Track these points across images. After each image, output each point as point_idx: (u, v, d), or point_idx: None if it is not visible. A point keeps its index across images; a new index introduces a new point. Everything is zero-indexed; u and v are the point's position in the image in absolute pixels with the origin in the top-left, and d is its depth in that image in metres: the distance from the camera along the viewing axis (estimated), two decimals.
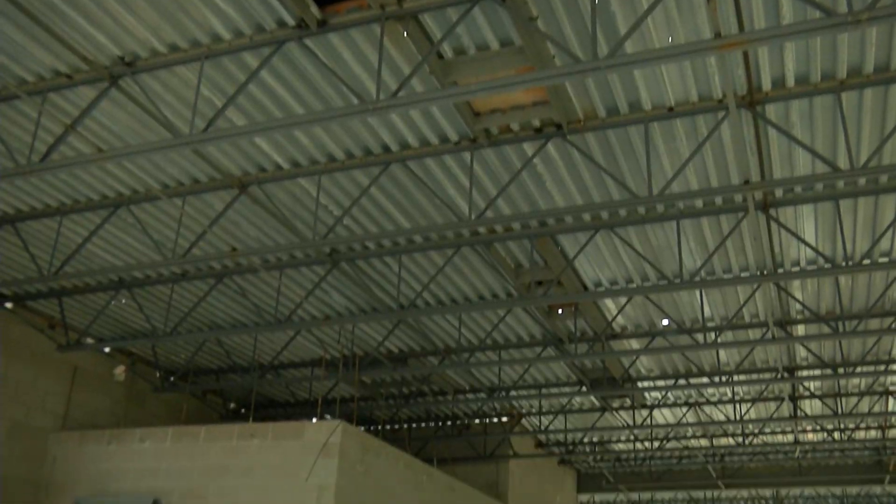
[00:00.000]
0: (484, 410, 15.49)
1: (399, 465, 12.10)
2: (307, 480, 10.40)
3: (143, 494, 10.84)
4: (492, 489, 15.58)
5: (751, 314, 11.12)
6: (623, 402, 14.81)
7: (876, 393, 13.73)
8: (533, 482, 17.19)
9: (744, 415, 14.45)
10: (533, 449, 17.12)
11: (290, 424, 11.14)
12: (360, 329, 11.99)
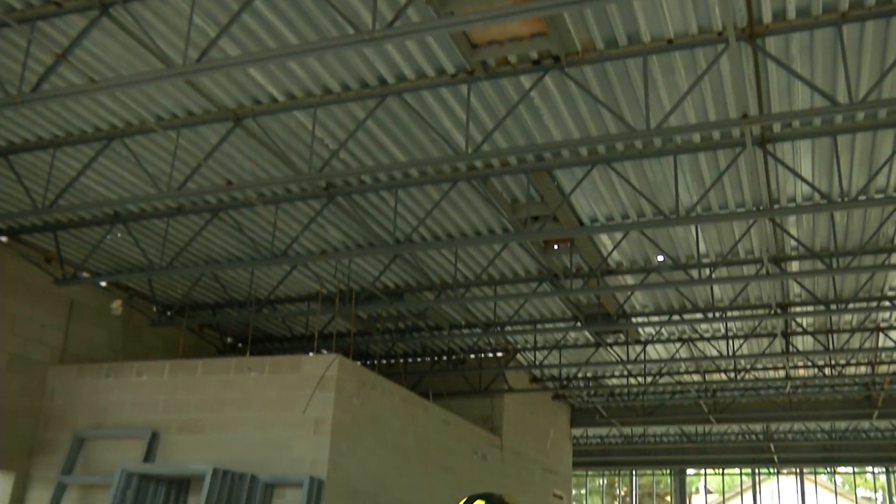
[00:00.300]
0: (479, 345, 15.62)
1: (395, 399, 12.24)
2: (304, 413, 10.54)
3: (142, 427, 10.98)
4: (486, 423, 15.80)
5: (745, 250, 11.15)
6: (617, 337, 14.93)
7: (867, 329, 13.85)
8: (527, 416, 17.43)
9: (736, 350, 14.59)
10: (527, 383, 17.31)
11: (286, 358, 11.24)
12: (356, 264, 12.02)
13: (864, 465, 25.11)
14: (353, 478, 10.84)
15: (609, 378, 17.79)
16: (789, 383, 16.74)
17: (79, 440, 11.15)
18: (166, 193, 8.84)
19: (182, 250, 10.91)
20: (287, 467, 10.30)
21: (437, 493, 13.10)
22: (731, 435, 23.18)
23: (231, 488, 9.87)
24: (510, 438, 16.29)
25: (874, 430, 21.68)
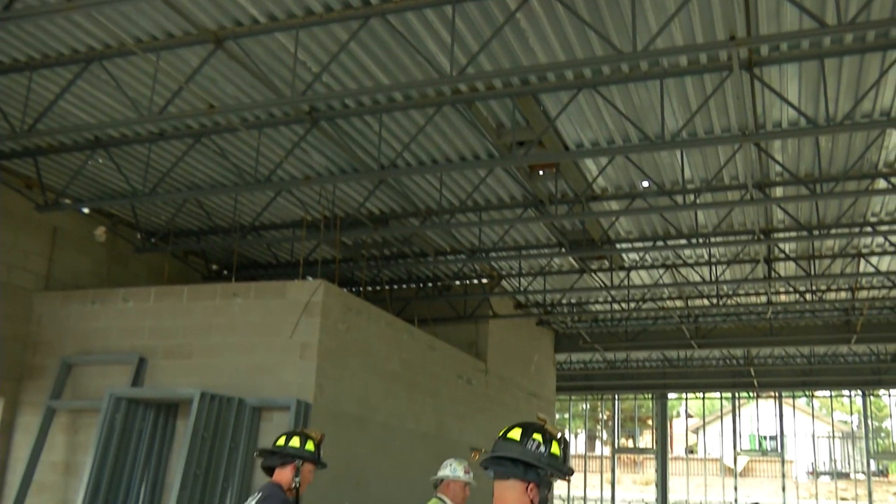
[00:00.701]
0: (464, 272, 15.70)
1: (381, 324, 12.34)
2: (290, 338, 10.61)
3: (129, 352, 11.04)
4: (471, 348, 15.98)
5: (730, 176, 11.17)
6: (601, 263, 15.02)
7: (848, 255, 13.98)
8: (511, 342, 17.63)
9: (719, 276, 14.72)
10: (512, 309, 17.47)
11: (272, 284, 11.27)
12: (340, 190, 11.97)
13: (841, 388, 25.63)
14: (339, 401, 10.98)
15: (593, 304, 17.96)
16: (770, 309, 16.94)
17: (66, 366, 11.22)
18: (147, 118, 8.72)
19: (165, 176, 10.82)
20: (274, 391, 10.42)
21: (422, 416, 13.32)
22: (712, 360, 23.54)
23: (219, 412, 9.99)
24: (495, 363, 16.51)
25: (852, 355, 22.07)
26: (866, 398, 26.14)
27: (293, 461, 5.24)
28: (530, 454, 3.43)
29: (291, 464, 5.24)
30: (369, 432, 11.76)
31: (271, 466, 5.29)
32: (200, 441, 9.69)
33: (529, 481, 3.42)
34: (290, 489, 5.19)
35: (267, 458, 5.32)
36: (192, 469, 9.51)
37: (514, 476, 3.44)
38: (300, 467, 5.24)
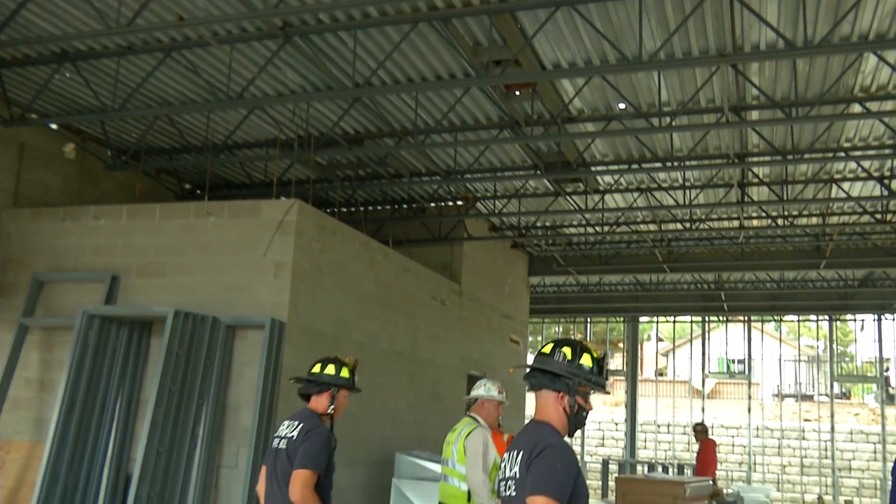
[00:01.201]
0: (440, 193, 15.66)
1: (355, 245, 12.33)
2: (264, 257, 10.59)
3: (101, 270, 10.98)
4: (446, 269, 16.04)
5: (707, 99, 11.14)
6: (576, 186, 15.03)
7: (821, 180, 14.07)
8: (486, 264, 17.72)
9: (693, 200, 14.79)
10: (486, 232, 17.50)
11: (246, 203, 11.19)
12: (314, 108, 11.83)
13: (808, 313, 26.08)
14: (313, 320, 11.04)
15: (567, 227, 18.02)
16: (742, 233, 17.10)
17: (38, 283, 11.15)
18: (115, 30, 8.51)
19: (134, 92, 10.61)
20: (248, 310, 10.45)
21: (396, 336, 13.43)
22: (684, 284, 23.81)
23: (193, 330, 10.01)
24: (469, 285, 16.61)
25: (820, 280, 22.39)
26: (832, 323, 26.63)
27: (329, 389, 5.44)
28: (556, 365, 3.71)
29: (328, 391, 5.44)
30: (344, 351, 11.80)
31: (308, 394, 5.49)
32: (175, 358, 9.73)
33: (559, 391, 3.71)
34: (326, 415, 5.40)
35: (304, 386, 5.51)
36: (166, 386, 9.57)
37: (544, 386, 3.74)
38: (335, 394, 5.44)
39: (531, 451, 3.53)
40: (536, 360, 3.79)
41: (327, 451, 5.18)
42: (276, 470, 5.24)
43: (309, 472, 5.03)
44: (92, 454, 9.97)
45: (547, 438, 3.60)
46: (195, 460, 9.86)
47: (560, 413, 3.72)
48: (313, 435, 5.18)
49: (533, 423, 3.77)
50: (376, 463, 12.48)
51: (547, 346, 3.81)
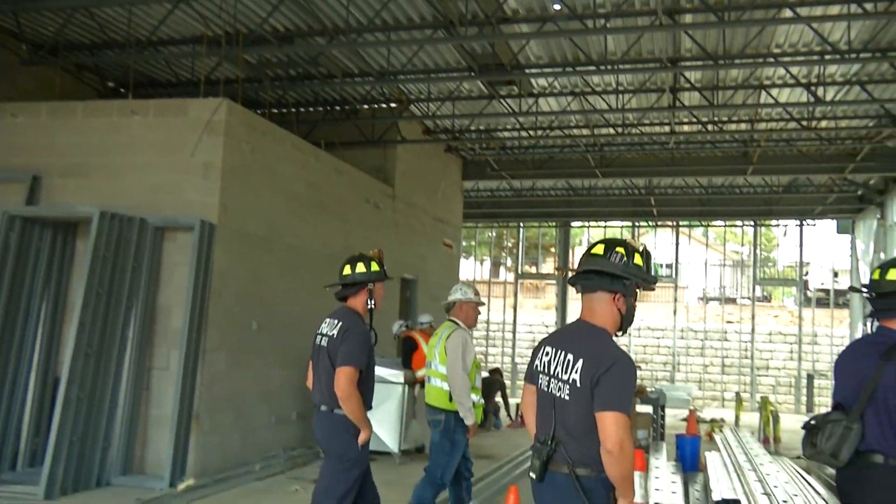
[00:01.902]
0: (372, 95, 15.43)
1: (286, 146, 12.14)
2: (192, 157, 10.37)
3: (21, 170, 10.63)
4: (379, 172, 15.94)
5: (641, 2, 11.08)
6: (510, 89, 14.94)
7: (750, 86, 14.22)
8: (419, 167, 17.65)
9: (625, 104, 14.85)
10: (420, 135, 17.38)
11: (172, 102, 10.89)
12: (242, 3, 11.43)
13: (734, 219, 26.71)
14: (244, 222, 10.92)
15: (501, 131, 17.99)
16: (673, 139, 17.28)
17: None
18: None
19: None
20: (177, 211, 10.28)
21: (329, 239, 13.38)
22: (615, 189, 24.11)
23: (119, 231, 9.82)
24: (402, 188, 16.56)
25: (747, 186, 22.88)
26: (757, 229, 27.35)
27: (365, 286, 5.67)
28: (614, 266, 3.66)
29: (364, 289, 5.67)
30: (276, 254, 11.79)
31: (345, 296, 5.71)
32: (101, 261, 9.55)
33: (615, 291, 3.69)
34: (365, 311, 5.68)
35: (341, 291, 5.73)
36: (93, 288, 9.42)
37: (601, 288, 3.71)
38: (371, 289, 5.67)
39: (597, 362, 3.53)
40: (588, 261, 3.74)
41: (367, 348, 5.46)
42: (318, 366, 5.61)
43: (351, 368, 5.31)
44: (18, 358, 9.83)
45: (613, 350, 3.60)
46: (125, 362, 9.81)
47: (615, 314, 3.72)
48: (352, 334, 5.43)
49: (585, 325, 3.74)
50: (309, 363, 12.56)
51: (598, 247, 3.75)
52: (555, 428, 3.65)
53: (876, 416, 4.21)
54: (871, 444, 4.22)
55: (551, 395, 3.69)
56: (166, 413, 9.79)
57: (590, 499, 3.55)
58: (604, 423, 3.45)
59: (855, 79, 13.51)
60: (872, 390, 4.21)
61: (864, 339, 4.77)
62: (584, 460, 3.57)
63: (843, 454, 4.25)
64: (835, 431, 4.28)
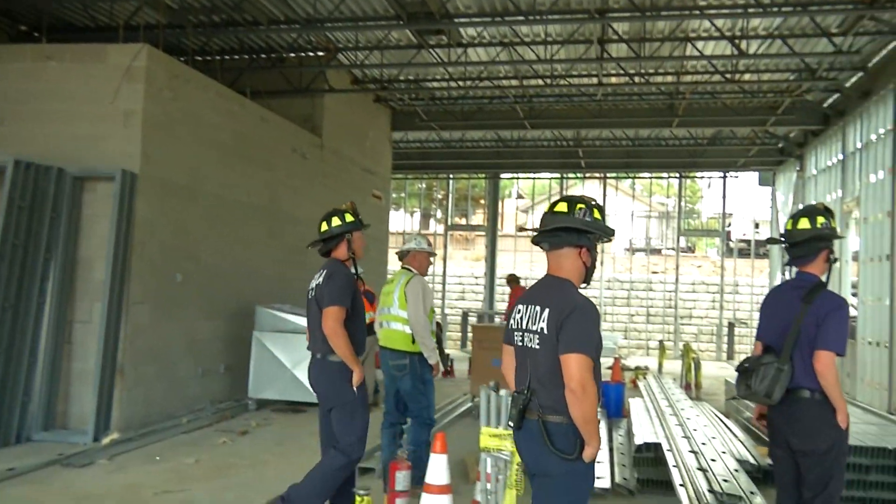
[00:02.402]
0: (299, 43, 15.11)
1: (210, 94, 11.88)
2: (112, 105, 10.09)
3: None
4: (306, 122, 15.72)
5: None
6: (439, 39, 14.79)
7: (677, 39, 14.34)
8: (347, 118, 17.45)
9: (553, 55, 14.86)
10: (348, 85, 17.13)
11: (90, 47, 10.52)
12: None
13: (660, 171, 27.13)
14: (167, 171, 10.69)
15: (430, 81, 17.84)
16: (601, 91, 17.39)
17: None
18: None
19: None
20: (97, 161, 10.02)
21: (255, 189, 13.21)
22: (544, 141, 24.21)
23: (36, 181, 9.53)
24: (330, 139, 16.37)
25: (673, 139, 23.21)
26: (682, 181, 27.84)
27: (343, 238, 5.95)
28: (580, 221, 3.85)
29: (343, 240, 5.96)
30: (200, 203, 11.59)
31: (329, 251, 5.99)
32: (17, 211, 9.28)
33: (581, 246, 3.90)
34: (348, 260, 5.98)
35: (322, 246, 6.00)
36: (9, 240, 9.15)
37: (567, 244, 3.90)
38: (350, 239, 5.95)
39: (561, 309, 3.72)
40: (553, 219, 3.90)
41: (350, 288, 5.77)
42: (311, 317, 5.88)
43: (336, 307, 5.62)
44: None
45: (574, 297, 3.79)
46: (44, 316, 9.58)
47: (580, 267, 3.92)
48: (336, 276, 5.76)
49: (553, 279, 3.92)
50: (236, 315, 12.47)
51: (560, 205, 3.93)
52: (529, 378, 3.83)
53: (801, 356, 4.63)
54: (798, 382, 4.65)
55: (525, 348, 3.88)
56: (89, 367, 9.63)
57: (556, 444, 3.71)
58: (567, 364, 3.63)
59: (777, 33, 13.72)
60: (797, 332, 4.64)
61: (786, 284, 5.11)
62: (554, 407, 3.74)
63: (775, 394, 4.66)
64: (767, 373, 4.67)
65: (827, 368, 4.54)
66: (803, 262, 4.91)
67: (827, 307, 4.65)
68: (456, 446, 8.40)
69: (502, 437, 4.93)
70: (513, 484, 4.88)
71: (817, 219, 4.89)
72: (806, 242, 4.88)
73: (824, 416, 4.61)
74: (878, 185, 13.91)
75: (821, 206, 5.06)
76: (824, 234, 4.87)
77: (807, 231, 4.88)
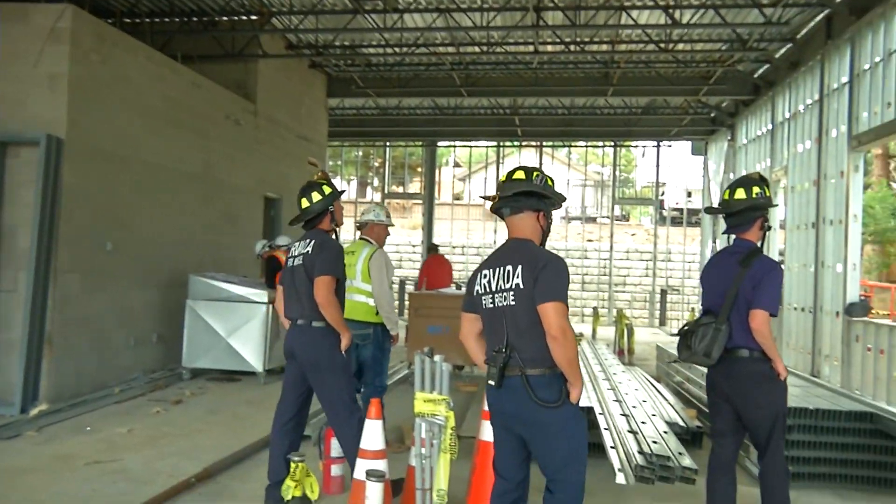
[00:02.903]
0: (232, 6, 14.78)
1: (139, 58, 11.58)
2: (35, 68, 9.78)
3: None
4: (240, 88, 15.44)
5: None
6: (375, 4, 14.63)
7: (612, 7, 14.41)
8: (282, 83, 17.19)
9: (490, 22, 14.81)
10: (283, 50, 16.87)
11: (10, 6, 10.12)
12: None
13: (595, 139, 27.38)
14: (95, 137, 10.42)
15: (366, 47, 17.66)
16: (537, 59, 17.42)
17: None
18: None
19: None
20: (20, 126, 9.70)
21: (188, 156, 12.97)
22: (480, 109, 24.19)
23: None
24: (264, 105, 16.12)
25: (608, 108, 23.40)
26: (616, 150, 28.14)
27: (326, 211, 6.07)
28: (538, 186, 4.16)
29: (326, 213, 6.08)
30: (131, 170, 11.34)
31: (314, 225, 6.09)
32: None
33: (540, 210, 4.19)
34: (331, 229, 6.15)
35: (307, 223, 6.10)
36: None
37: (527, 208, 4.19)
38: (332, 209, 6.10)
39: (534, 264, 3.99)
40: (513, 185, 4.20)
41: (341, 259, 5.93)
42: (294, 284, 5.92)
43: (329, 277, 5.75)
44: None
45: (544, 252, 4.09)
46: None
47: (538, 230, 4.22)
48: (327, 247, 5.86)
49: (515, 241, 4.21)
50: (169, 284, 12.28)
51: (518, 173, 4.23)
52: (507, 335, 4.03)
53: (739, 317, 4.91)
54: (736, 342, 4.93)
55: (498, 308, 4.08)
56: (15, 337, 9.40)
57: (539, 395, 3.95)
58: (546, 312, 3.88)
59: (709, 2, 13.88)
60: (735, 294, 4.92)
61: (725, 250, 5.34)
62: (535, 360, 3.98)
63: (714, 352, 4.94)
64: (706, 333, 4.96)
65: (762, 325, 4.79)
66: (740, 230, 5.18)
67: (762, 270, 4.92)
68: (393, 413, 8.45)
69: (436, 402, 4.95)
70: (447, 448, 4.91)
71: (753, 189, 5.14)
72: (743, 212, 5.13)
73: (762, 374, 4.89)
74: (805, 155, 14.25)
75: (755, 176, 5.30)
76: (759, 204, 5.12)
77: (743, 201, 5.12)
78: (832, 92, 13.10)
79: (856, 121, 12.06)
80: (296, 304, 5.94)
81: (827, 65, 13.31)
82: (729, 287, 4.96)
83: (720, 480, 5.18)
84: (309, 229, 6.10)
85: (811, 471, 7.08)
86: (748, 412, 4.98)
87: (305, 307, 5.85)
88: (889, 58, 11.11)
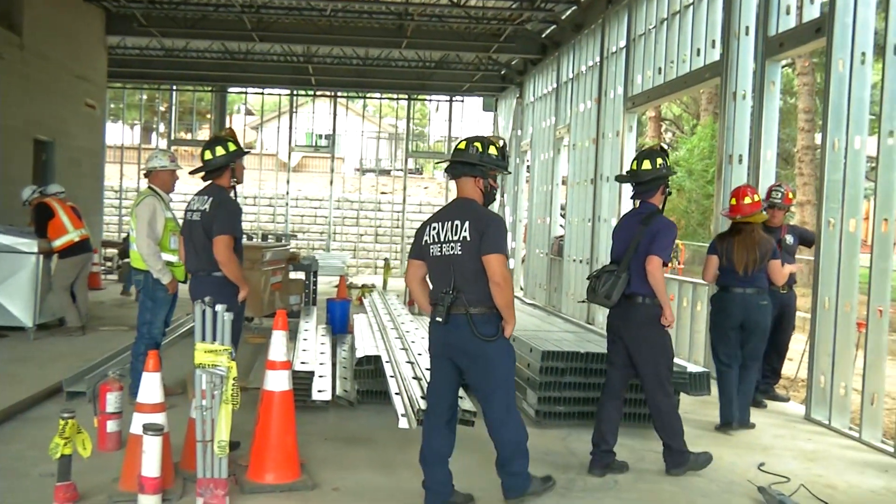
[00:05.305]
0: None
1: None
2: None
3: None
4: (3, 19, 14.11)
5: None
6: None
7: None
8: (54, 17, 15.86)
9: None
10: None
11: None
12: None
13: (390, 92, 27.39)
14: None
15: None
16: (331, 6, 17.09)
17: None
18: None
19: None
20: None
21: None
22: (273, 55, 23.50)
23: None
24: (33, 39, 14.83)
25: (402, 60, 23.42)
26: (411, 103, 28.31)
27: (227, 167, 6.18)
28: (472, 156, 4.91)
29: (227, 168, 6.19)
30: None
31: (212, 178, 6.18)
32: None
33: (475, 176, 4.94)
34: (230, 186, 6.28)
35: (209, 174, 6.16)
36: None
37: (463, 174, 4.96)
38: (234, 167, 6.23)
39: (481, 220, 4.77)
40: (454, 154, 4.98)
41: (239, 218, 6.18)
42: (192, 239, 6.17)
43: (227, 236, 6.00)
44: None
45: (489, 212, 4.93)
46: None
47: (478, 193, 4.96)
48: (224, 206, 6.06)
49: (462, 200, 4.97)
50: None
51: (461, 143, 4.98)
52: (454, 279, 4.73)
53: (637, 267, 5.72)
54: (634, 289, 5.75)
55: (445, 257, 4.80)
56: None
57: (481, 330, 4.71)
58: (490, 262, 4.66)
59: None
60: (635, 248, 5.74)
61: (633, 211, 6.15)
62: (478, 301, 4.72)
63: (614, 296, 5.75)
64: (609, 279, 5.77)
65: (656, 269, 5.62)
66: (647, 196, 6.01)
67: (659, 226, 5.76)
68: (178, 365, 8.12)
69: (217, 353, 4.79)
70: (228, 399, 4.77)
71: (657, 160, 5.93)
72: (649, 181, 5.93)
73: (651, 316, 5.73)
74: (586, 114, 14.91)
75: (657, 148, 6.18)
76: (662, 174, 5.96)
77: (649, 171, 5.92)
78: (611, 55, 13.75)
79: (631, 83, 12.74)
80: (193, 257, 6.22)
81: (607, 29, 13.92)
82: (631, 241, 5.78)
83: (608, 404, 5.97)
84: (207, 182, 6.21)
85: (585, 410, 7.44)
86: (636, 350, 5.80)
87: (203, 260, 6.12)
88: (661, 25, 11.77)
